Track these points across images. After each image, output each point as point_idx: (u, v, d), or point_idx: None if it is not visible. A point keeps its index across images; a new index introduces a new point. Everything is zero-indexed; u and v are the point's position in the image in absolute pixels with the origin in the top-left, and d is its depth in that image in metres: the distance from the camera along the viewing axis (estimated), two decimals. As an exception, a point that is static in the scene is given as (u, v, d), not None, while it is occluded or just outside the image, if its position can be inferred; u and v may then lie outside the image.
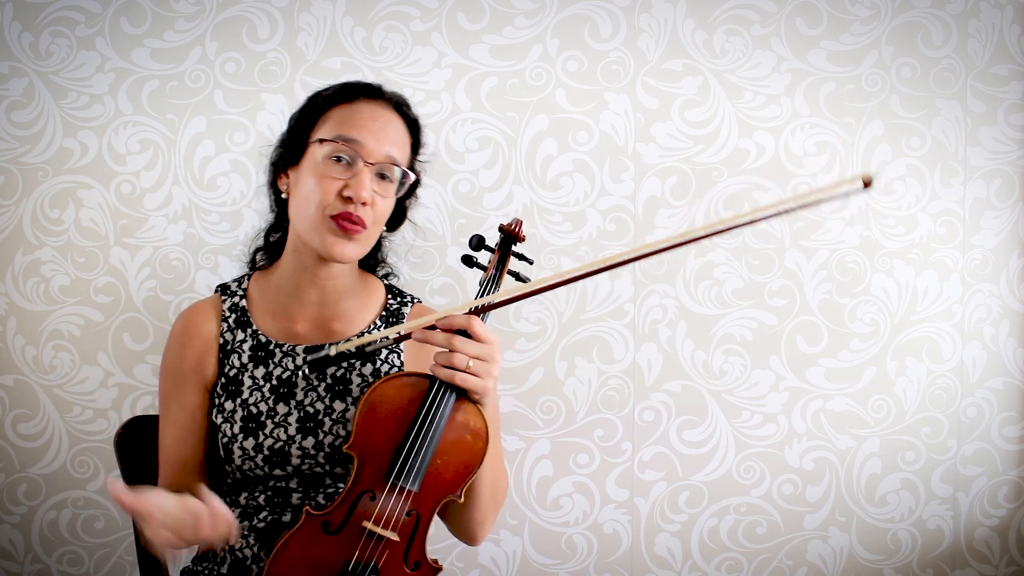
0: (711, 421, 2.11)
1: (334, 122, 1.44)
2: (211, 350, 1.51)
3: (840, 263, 2.10)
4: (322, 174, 1.41)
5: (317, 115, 1.47)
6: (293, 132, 1.50)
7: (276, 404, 1.46)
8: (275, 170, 1.52)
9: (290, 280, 1.50)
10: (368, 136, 1.42)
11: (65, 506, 2.03)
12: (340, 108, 1.46)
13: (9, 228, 1.98)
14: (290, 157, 1.49)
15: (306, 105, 1.50)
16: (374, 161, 1.42)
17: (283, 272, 1.52)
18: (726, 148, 2.07)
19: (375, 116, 1.45)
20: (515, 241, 1.49)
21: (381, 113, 1.46)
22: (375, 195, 1.42)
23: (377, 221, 1.45)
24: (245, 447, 1.45)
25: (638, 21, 2.05)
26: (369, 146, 1.42)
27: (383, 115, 1.46)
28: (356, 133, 1.42)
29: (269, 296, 1.53)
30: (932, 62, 2.09)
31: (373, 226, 1.44)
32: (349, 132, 1.42)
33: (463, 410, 1.36)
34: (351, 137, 1.42)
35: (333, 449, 1.44)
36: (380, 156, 1.42)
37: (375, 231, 1.46)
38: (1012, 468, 2.17)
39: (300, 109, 1.51)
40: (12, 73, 1.96)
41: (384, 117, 1.46)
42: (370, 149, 1.42)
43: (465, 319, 1.33)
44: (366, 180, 1.40)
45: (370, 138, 1.42)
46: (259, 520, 1.45)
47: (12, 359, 2.00)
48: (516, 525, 2.10)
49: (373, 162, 1.42)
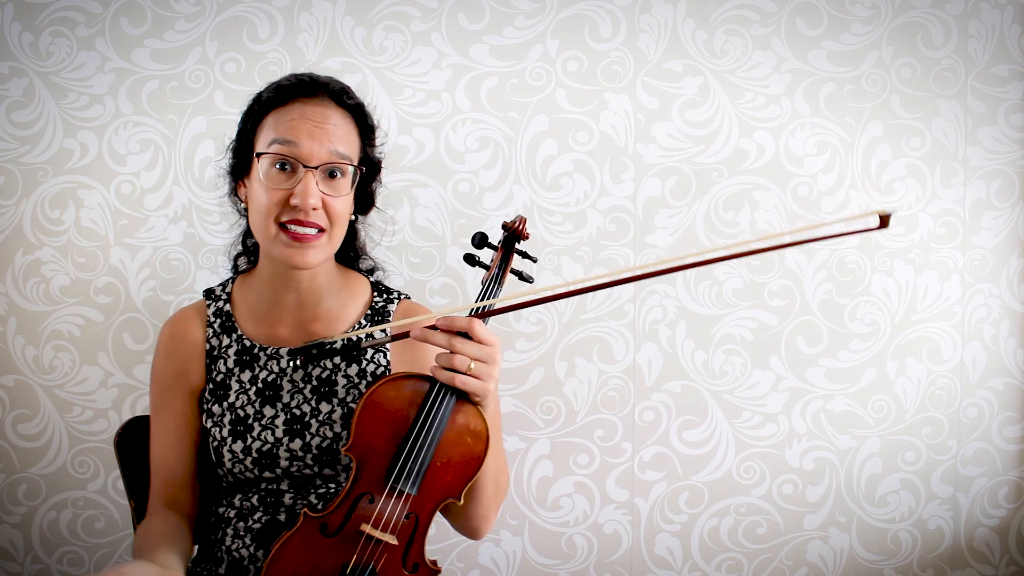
0: (711, 421, 2.11)
1: (270, 128, 1.40)
2: (197, 356, 1.51)
3: (840, 263, 2.10)
4: (267, 186, 1.38)
5: (256, 123, 1.43)
6: (238, 141, 1.47)
7: (263, 407, 1.46)
8: (233, 179, 1.50)
9: (267, 285, 1.49)
10: (304, 139, 1.38)
11: (65, 506, 2.03)
12: (275, 113, 1.41)
13: (9, 228, 1.98)
14: (241, 167, 1.47)
15: (246, 112, 1.46)
16: (316, 164, 1.38)
17: (261, 277, 1.51)
18: (726, 148, 2.07)
19: (309, 116, 1.40)
20: (518, 239, 1.48)
21: (316, 111, 1.40)
22: (326, 197, 1.39)
23: (336, 221, 1.41)
24: (234, 450, 1.45)
25: (638, 21, 2.05)
26: (307, 149, 1.37)
27: (318, 113, 1.40)
28: (292, 136, 1.38)
29: (251, 300, 1.52)
30: (932, 62, 2.09)
31: (333, 227, 1.41)
32: (285, 136, 1.38)
33: (463, 412, 1.36)
34: (287, 140, 1.38)
35: (321, 451, 1.44)
36: (322, 157, 1.38)
37: (338, 230, 1.43)
38: (1012, 468, 2.17)
39: (242, 117, 1.47)
40: (12, 73, 1.96)
41: (320, 115, 1.40)
42: (309, 152, 1.37)
43: (467, 321, 1.32)
44: (311, 186, 1.37)
45: (307, 141, 1.38)
46: (254, 521, 1.45)
47: (12, 359, 2.00)
48: (516, 525, 2.10)
49: (316, 165, 1.37)
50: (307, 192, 1.36)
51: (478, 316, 1.37)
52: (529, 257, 1.51)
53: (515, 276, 1.50)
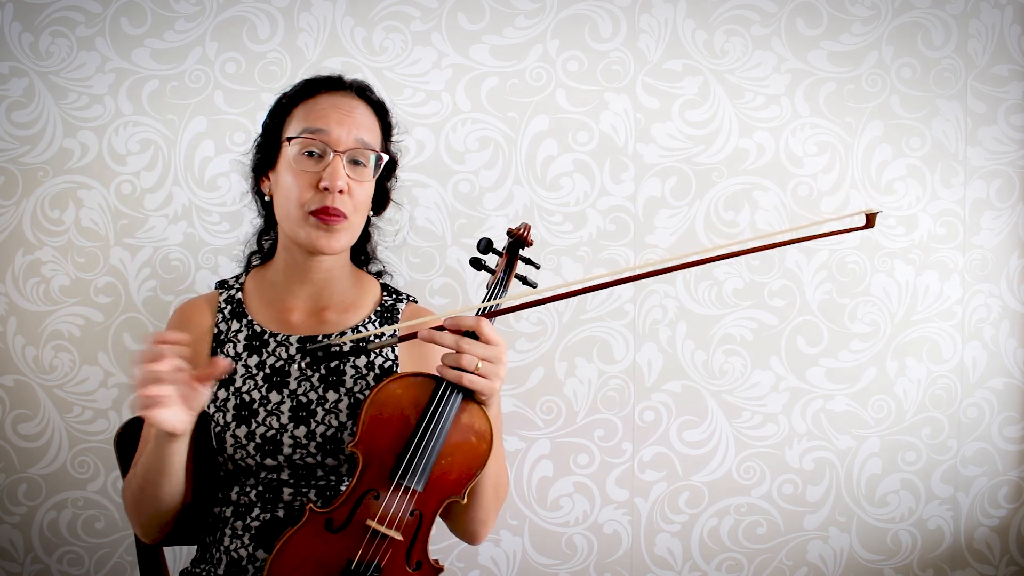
0: (711, 421, 2.11)
1: (299, 118, 1.48)
2: (204, 341, 1.54)
3: (840, 263, 2.11)
4: (297, 171, 1.45)
5: (284, 115, 1.51)
6: (265, 136, 1.54)
7: (269, 392, 1.47)
8: (256, 175, 1.57)
9: (283, 276, 1.54)
10: (334, 125, 1.45)
11: (65, 506, 2.02)
12: (304, 104, 1.49)
13: (9, 228, 1.98)
14: (267, 161, 1.53)
15: (273, 108, 1.54)
16: (344, 149, 1.45)
17: (276, 268, 1.56)
18: (726, 148, 2.08)
19: (338, 105, 1.48)
20: (523, 245, 1.52)
21: (344, 101, 1.49)
22: (351, 181, 1.45)
23: (358, 208, 1.48)
24: (237, 435, 1.45)
25: (638, 21, 2.05)
26: (336, 135, 1.45)
27: (346, 103, 1.49)
28: (322, 124, 1.45)
29: (265, 288, 1.57)
30: (932, 62, 2.10)
31: (355, 213, 1.47)
32: (315, 124, 1.45)
33: (468, 411, 1.37)
34: (317, 128, 1.45)
35: (325, 439, 1.45)
36: (349, 143, 1.45)
37: (358, 218, 1.49)
38: (1012, 468, 2.17)
39: (269, 113, 1.55)
40: (12, 73, 1.96)
41: (347, 105, 1.49)
42: (337, 137, 1.45)
43: (474, 321, 1.34)
44: (339, 169, 1.43)
45: (336, 127, 1.45)
46: (252, 519, 1.45)
47: (12, 359, 2.00)
48: (516, 525, 2.10)
49: (343, 150, 1.45)
50: (335, 174, 1.43)
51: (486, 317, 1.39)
52: (533, 263, 1.53)
53: (519, 281, 1.53)
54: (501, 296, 1.44)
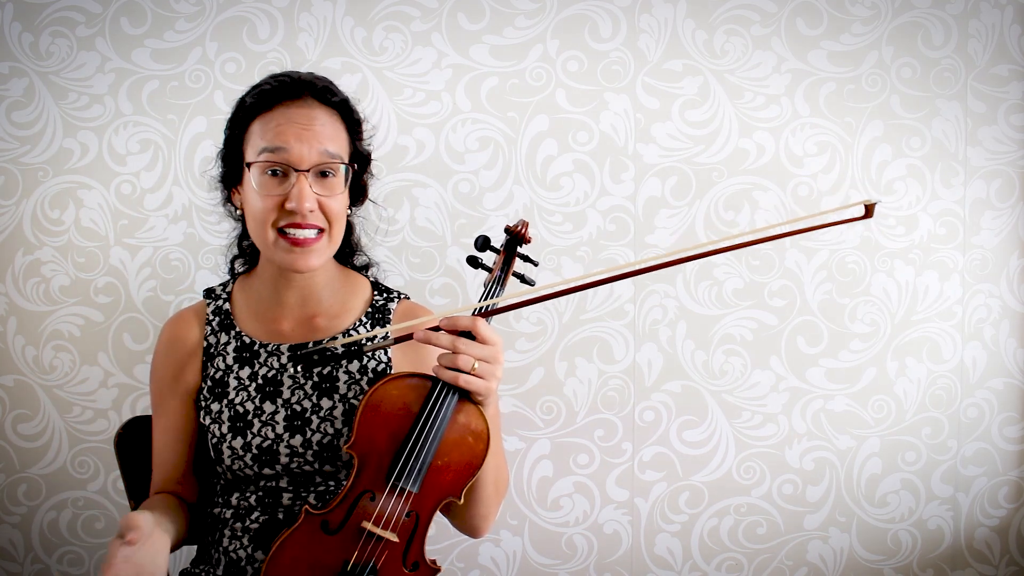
0: (711, 421, 2.11)
1: (257, 134, 1.40)
2: (194, 356, 1.52)
3: (840, 263, 2.10)
4: (261, 194, 1.39)
5: (243, 130, 1.43)
6: (227, 148, 1.47)
7: (263, 403, 1.46)
8: (225, 187, 1.51)
9: (268, 285, 1.51)
10: (293, 142, 1.37)
11: (65, 506, 2.03)
12: (261, 119, 1.41)
13: (9, 228, 1.98)
14: (232, 176, 1.48)
15: (232, 117, 1.46)
16: (308, 167, 1.37)
17: (261, 277, 1.52)
18: (726, 148, 2.07)
19: (295, 119, 1.39)
20: (521, 242, 1.49)
21: (301, 113, 1.40)
22: (321, 197, 1.39)
23: (335, 220, 1.42)
24: (234, 447, 1.45)
25: (638, 21, 2.05)
26: (297, 152, 1.37)
27: (303, 114, 1.40)
28: (280, 142, 1.37)
29: (252, 299, 1.53)
30: (932, 62, 2.09)
31: (333, 226, 1.42)
32: (274, 143, 1.38)
33: (465, 411, 1.36)
34: (276, 147, 1.37)
35: (322, 447, 1.44)
36: (313, 158, 1.38)
37: (336, 230, 1.43)
38: (1012, 468, 2.17)
39: (228, 120, 1.47)
40: (12, 73, 1.96)
41: (305, 116, 1.40)
42: (299, 155, 1.37)
43: (470, 321, 1.32)
44: (305, 189, 1.37)
45: (296, 144, 1.37)
46: (252, 521, 1.45)
47: (12, 359, 2.00)
48: (516, 525, 2.10)
49: (307, 168, 1.37)
50: (302, 196, 1.37)
51: (481, 316, 1.37)
52: (531, 261, 1.51)
53: (517, 279, 1.51)
54: (498, 295, 1.42)
